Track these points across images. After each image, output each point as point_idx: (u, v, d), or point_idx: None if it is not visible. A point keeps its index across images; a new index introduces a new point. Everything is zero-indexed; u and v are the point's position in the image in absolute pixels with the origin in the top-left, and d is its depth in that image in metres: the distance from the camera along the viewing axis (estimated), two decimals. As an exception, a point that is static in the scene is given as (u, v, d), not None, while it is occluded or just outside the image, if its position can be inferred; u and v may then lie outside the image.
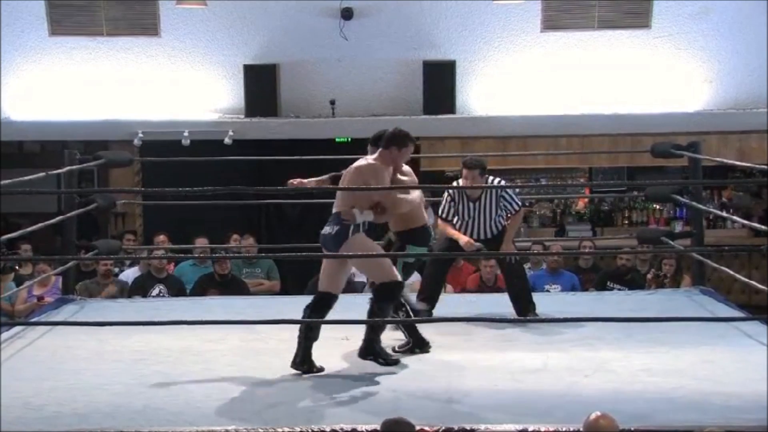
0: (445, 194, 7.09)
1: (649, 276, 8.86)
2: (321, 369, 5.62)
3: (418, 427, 4.40)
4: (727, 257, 10.57)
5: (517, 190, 7.33)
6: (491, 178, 6.96)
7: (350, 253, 5.63)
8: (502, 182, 7.08)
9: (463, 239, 6.88)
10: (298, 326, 5.71)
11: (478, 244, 6.85)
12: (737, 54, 11.48)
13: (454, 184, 7.03)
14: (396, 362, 5.74)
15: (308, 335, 5.63)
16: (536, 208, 12.63)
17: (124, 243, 9.49)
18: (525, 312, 6.88)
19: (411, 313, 6.13)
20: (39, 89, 11.53)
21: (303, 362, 5.61)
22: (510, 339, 6.34)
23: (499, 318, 6.86)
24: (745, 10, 11.38)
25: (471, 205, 6.92)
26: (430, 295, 6.95)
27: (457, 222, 7.00)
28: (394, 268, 5.82)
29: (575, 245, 9.85)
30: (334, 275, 5.76)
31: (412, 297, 6.53)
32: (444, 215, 7.03)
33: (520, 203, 7.06)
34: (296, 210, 11.52)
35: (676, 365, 5.64)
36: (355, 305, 6.23)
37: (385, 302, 5.74)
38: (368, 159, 5.88)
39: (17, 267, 9.36)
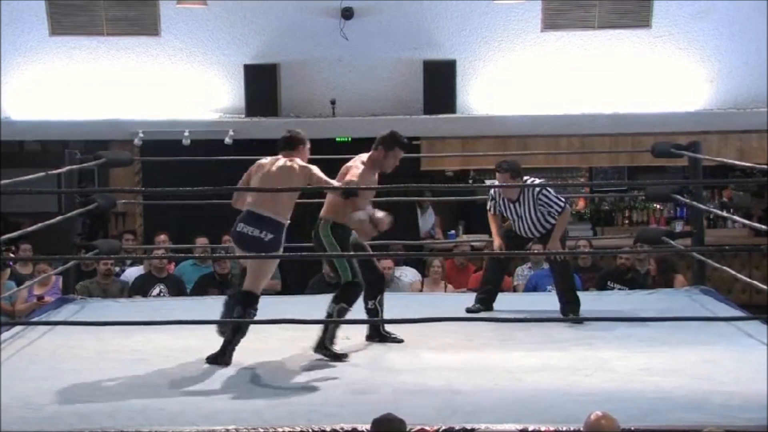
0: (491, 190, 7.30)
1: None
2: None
3: (418, 427, 4.41)
4: (727, 257, 10.55)
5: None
6: (529, 179, 7.08)
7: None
8: (539, 187, 7.07)
9: (495, 242, 7.13)
10: (298, 325, 5.70)
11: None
12: (737, 54, 11.48)
13: (493, 182, 7.14)
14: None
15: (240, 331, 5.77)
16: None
17: (124, 243, 9.48)
18: (565, 310, 6.97)
19: None
20: (39, 89, 11.53)
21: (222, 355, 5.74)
22: (510, 339, 6.34)
23: (500, 318, 6.86)
24: (745, 10, 11.38)
25: (512, 206, 7.02)
26: (488, 291, 7.21)
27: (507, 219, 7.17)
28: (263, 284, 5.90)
29: (575, 245, 9.84)
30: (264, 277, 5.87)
31: (416, 296, 6.53)
32: (489, 209, 7.21)
33: (562, 204, 7.02)
34: (296, 210, 11.48)
35: (677, 365, 5.65)
36: (356, 304, 6.25)
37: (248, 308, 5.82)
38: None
39: (11, 263, 9.35)
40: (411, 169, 11.10)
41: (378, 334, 6.20)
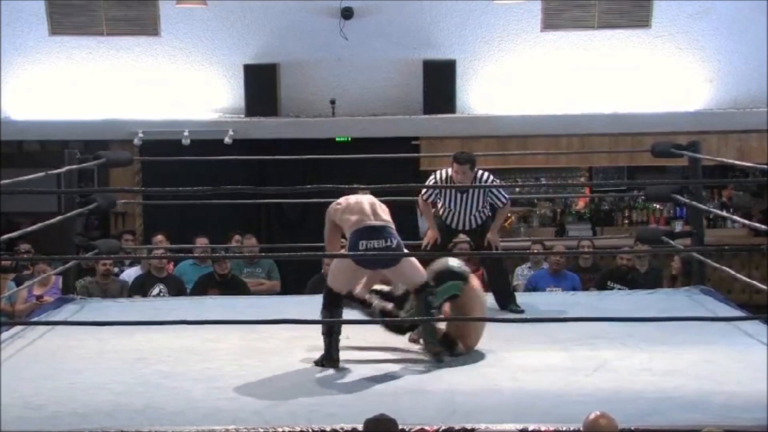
0: (432, 178, 7.16)
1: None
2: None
3: (418, 427, 4.40)
4: (727, 257, 10.55)
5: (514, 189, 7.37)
6: (480, 172, 7.07)
7: (344, 253, 5.65)
8: (491, 177, 7.13)
9: (429, 234, 7.18)
10: (298, 325, 5.69)
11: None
12: (737, 54, 11.49)
13: (443, 173, 7.06)
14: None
15: (331, 331, 5.69)
16: (536, 208, 12.64)
17: (123, 243, 9.48)
18: (506, 305, 7.10)
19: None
20: (39, 89, 11.53)
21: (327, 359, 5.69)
22: (510, 339, 6.32)
23: (499, 318, 6.86)
24: (745, 10, 11.39)
25: (458, 195, 7.02)
26: None
27: (441, 207, 7.14)
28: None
29: (575, 245, 9.85)
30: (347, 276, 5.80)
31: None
32: (425, 197, 7.14)
33: (507, 197, 7.19)
34: (296, 210, 11.52)
35: (677, 365, 5.64)
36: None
37: None
38: None
39: (30, 266, 9.34)
40: (411, 169, 11.10)
41: None
